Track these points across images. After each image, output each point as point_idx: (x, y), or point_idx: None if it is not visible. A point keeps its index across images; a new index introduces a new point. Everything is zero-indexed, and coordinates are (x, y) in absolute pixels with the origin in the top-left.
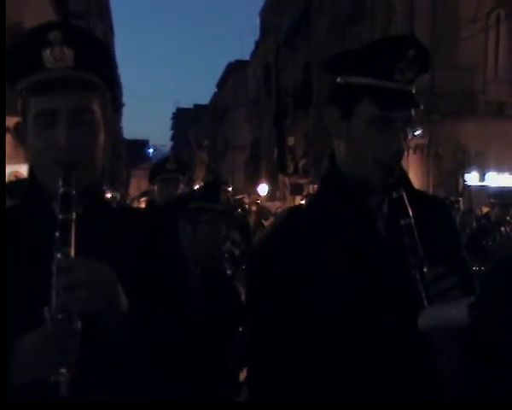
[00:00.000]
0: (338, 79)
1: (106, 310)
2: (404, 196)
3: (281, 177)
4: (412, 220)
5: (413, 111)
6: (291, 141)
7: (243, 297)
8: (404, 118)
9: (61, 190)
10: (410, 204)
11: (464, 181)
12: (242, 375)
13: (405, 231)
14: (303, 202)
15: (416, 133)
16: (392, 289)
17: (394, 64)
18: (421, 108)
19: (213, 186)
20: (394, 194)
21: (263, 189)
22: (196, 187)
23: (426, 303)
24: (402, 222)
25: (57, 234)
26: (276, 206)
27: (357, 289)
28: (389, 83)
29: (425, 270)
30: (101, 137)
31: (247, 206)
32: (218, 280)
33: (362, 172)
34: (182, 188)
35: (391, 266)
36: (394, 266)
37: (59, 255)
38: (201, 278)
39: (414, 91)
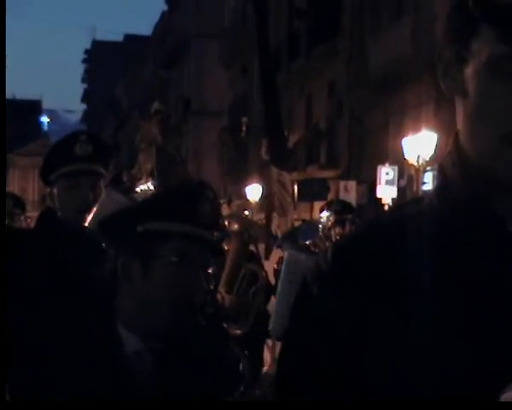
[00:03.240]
0: None
1: None
2: None
3: (274, 171)
4: None
5: None
6: None
7: None
8: None
9: None
10: None
11: None
12: None
13: None
14: (325, 214)
15: None
16: None
17: None
18: None
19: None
20: None
21: (253, 191)
22: (140, 188)
23: None
24: None
25: None
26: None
27: (474, 327)
28: None
29: None
30: None
31: (226, 222)
32: None
33: (484, 156)
34: (104, 190)
35: None
36: None
37: None
38: None
39: None
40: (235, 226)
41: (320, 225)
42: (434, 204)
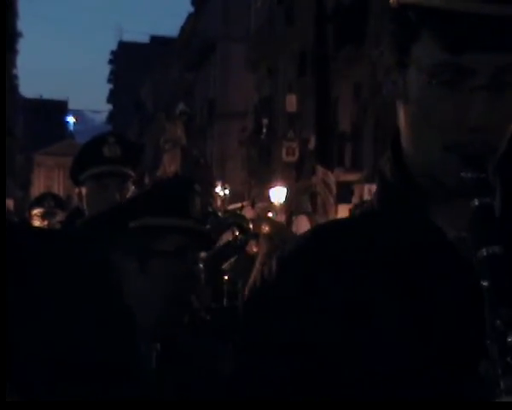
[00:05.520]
0: None
1: None
2: (500, 202)
3: (320, 170)
4: (499, 252)
5: None
6: (291, 103)
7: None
8: (499, 67)
9: None
10: None
11: None
12: None
13: (485, 273)
14: None
15: None
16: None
17: None
18: None
19: (182, 186)
20: (476, 201)
21: (278, 193)
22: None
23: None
24: (484, 252)
25: None
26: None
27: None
28: (466, 3)
29: (510, 339)
30: None
31: (250, 225)
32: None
33: (426, 162)
34: (132, 191)
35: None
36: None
37: None
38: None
39: None
40: (266, 229)
41: None
42: (375, 208)
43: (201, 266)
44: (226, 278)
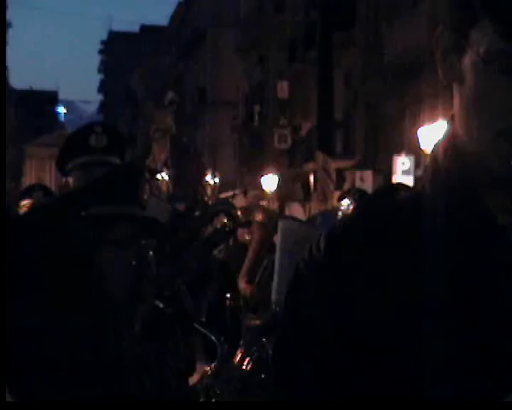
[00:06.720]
0: None
1: None
2: None
3: (320, 157)
4: None
5: None
6: (282, 90)
7: None
8: None
9: None
10: None
11: None
12: None
13: None
14: (345, 202)
15: None
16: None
17: None
18: None
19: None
20: None
21: (269, 181)
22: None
23: None
24: None
25: None
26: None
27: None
28: None
29: None
30: None
31: (238, 212)
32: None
33: (479, 147)
34: None
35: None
36: None
37: None
38: None
39: None
40: (259, 217)
41: (340, 213)
42: (427, 191)
43: (151, 253)
44: (228, 296)
